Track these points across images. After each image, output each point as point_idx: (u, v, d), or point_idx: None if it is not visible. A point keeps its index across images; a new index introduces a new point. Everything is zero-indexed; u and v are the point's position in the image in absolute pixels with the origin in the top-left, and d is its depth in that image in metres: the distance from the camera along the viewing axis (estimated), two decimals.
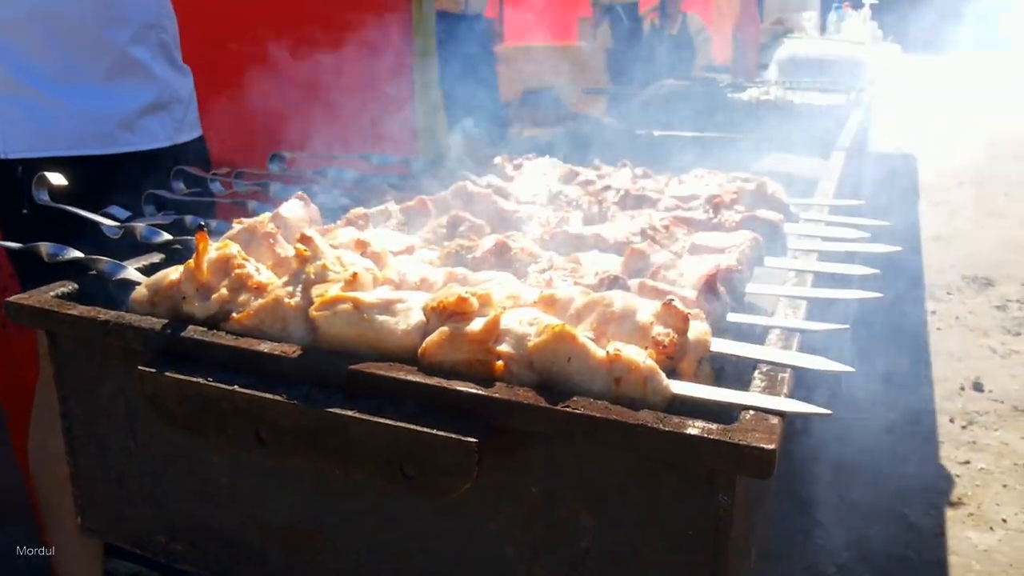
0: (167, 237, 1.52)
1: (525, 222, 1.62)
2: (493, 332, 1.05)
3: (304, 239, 1.22)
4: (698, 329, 1.10)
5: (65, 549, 2.17)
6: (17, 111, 1.93)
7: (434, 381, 1.02)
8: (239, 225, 1.39)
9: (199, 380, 1.09)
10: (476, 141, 2.26)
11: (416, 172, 2.09)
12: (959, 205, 7.58)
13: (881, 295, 1.32)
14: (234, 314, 1.18)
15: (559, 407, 0.96)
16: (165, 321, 1.19)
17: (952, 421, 3.84)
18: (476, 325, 1.06)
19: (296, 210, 1.51)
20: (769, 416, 0.94)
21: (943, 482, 3.37)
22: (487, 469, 0.98)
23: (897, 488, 3.28)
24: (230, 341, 1.13)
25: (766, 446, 0.88)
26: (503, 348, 1.05)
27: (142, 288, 1.26)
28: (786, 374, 1.04)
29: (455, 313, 1.08)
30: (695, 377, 1.08)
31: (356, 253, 1.30)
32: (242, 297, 1.19)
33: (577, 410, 0.95)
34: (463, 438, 0.96)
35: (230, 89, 2.77)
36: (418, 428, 0.98)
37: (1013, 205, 7.65)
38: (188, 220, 1.61)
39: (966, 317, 5.11)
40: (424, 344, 1.07)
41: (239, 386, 1.07)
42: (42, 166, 1.68)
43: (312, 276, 1.16)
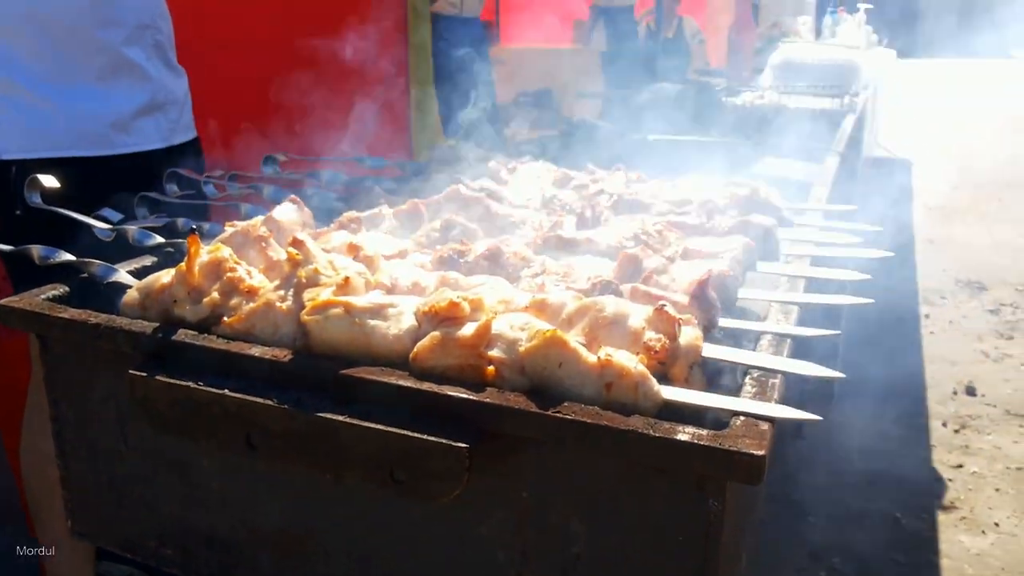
0: (159, 240, 1.51)
1: (518, 226, 1.62)
2: (484, 337, 1.05)
3: (296, 243, 1.22)
4: (689, 334, 1.10)
5: (56, 552, 2.16)
6: (10, 112, 1.93)
7: (425, 386, 1.02)
8: (231, 228, 1.39)
9: (189, 384, 1.08)
10: (471, 144, 2.26)
11: (410, 175, 2.09)
12: (953, 209, 7.61)
13: (872, 301, 1.32)
14: (225, 318, 1.18)
15: (550, 412, 0.96)
16: (156, 325, 1.19)
17: (945, 425, 3.85)
18: (468, 330, 1.06)
19: (289, 213, 1.51)
20: (759, 422, 0.94)
21: (936, 486, 3.38)
22: (478, 474, 0.98)
23: (890, 492, 3.29)
24: (221, 345, 1.13)
25: (756, 452, 0.88)
26: (494, 353, 1.05)
27: (133, 291, 1.26)
28: (777, 380, 1.05)
29: (447, 318, 1.08)
30: (686, 382, 1.08)
31: (348, 257, 1.29)
32: (233, 301, 1.19)
33: (568, 416, 0.95)
34: (454, 443, 0.96)
35: (225, 90, 2.77)
36: (409, 433, 0.98)
37: (1006, 209, 7.68)
38: (180, 223, 1.61)
39: (959, 321, 5.13)
40: (415, 349, 1.06)
41: (229, 390, 1.07)
42: (36, 167, 1.67)
43: (304, 280, 1.16)
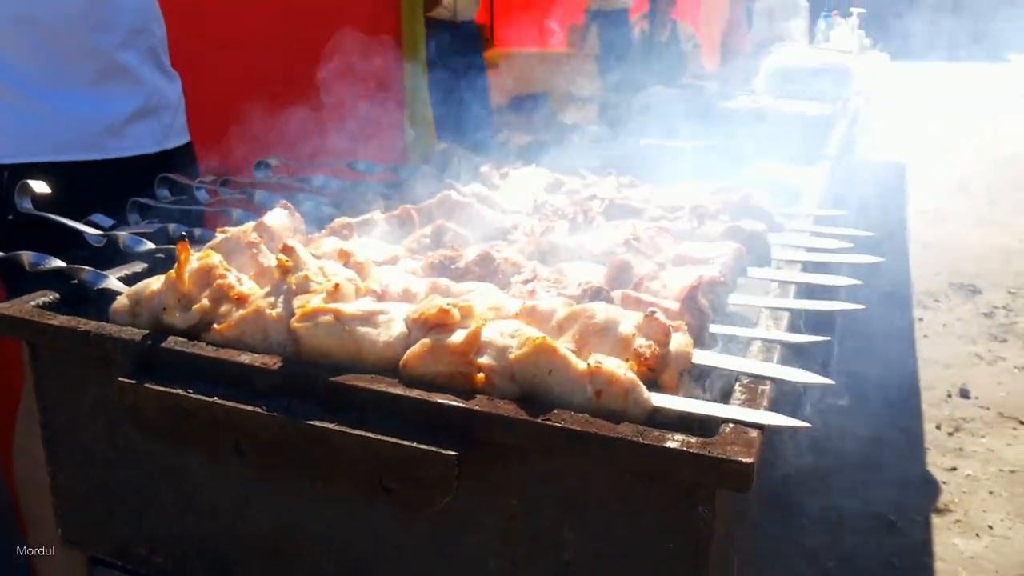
0: (150, 246, 1.51)
1: (510, 232, 1.62)
2: (474, 344, 1.05)
3: (286, 249, 1.22)
4: (680, 341, 1.10)
5: (48, 557, 2.15)
6: (3, 116, 1.92)
7: (415, 393, 1.02)
8: (222, 234, 1.38)
9: (178, 392, 1.08)
10: (464, 149, 2.26)
11: (403, 180, 2.08)
12: (946, 212, 7.63)
13: (864, 306, 1.33)
14: (215, 325, 1.17)
15: (539, 420, 0.96)
16: (145, 332, 1.18)
17: (939, 428, 3.86)
18: (457, 337, 1.05)
19: (280, 219, 1.50)
20: (748, 429, 0.94)
21: (930, 489, 3.39)
22: (468, 482, 0.98)
23: (884, 495, 3.30)
24: (210, 352, 1.13)
25: (745, 460, 0.88)
26: (484, 360, 1.05)
27: (123, 298, 1.25)
28: (766, 386, 1.05)
29: (437, 325, 1.08)
30: (677, 389, 1.08)
31: (339, 263, 1.29)
32: (223, 308, 1.19)
33: (557, 423, 0.95)
34: (443, 451, 0.96)
35: (219, 95, 2.77)
36: (398, 441, 0.98)
37: (1000, 212, 7.71)
38: (172, 229, 1.60)
39: (953, 324, 5.14)
40: (405, 356, 1.06)
41: (219, 398, 1.06)
42: (28, 172, 1.67)
43: (294, 287, 1.16)
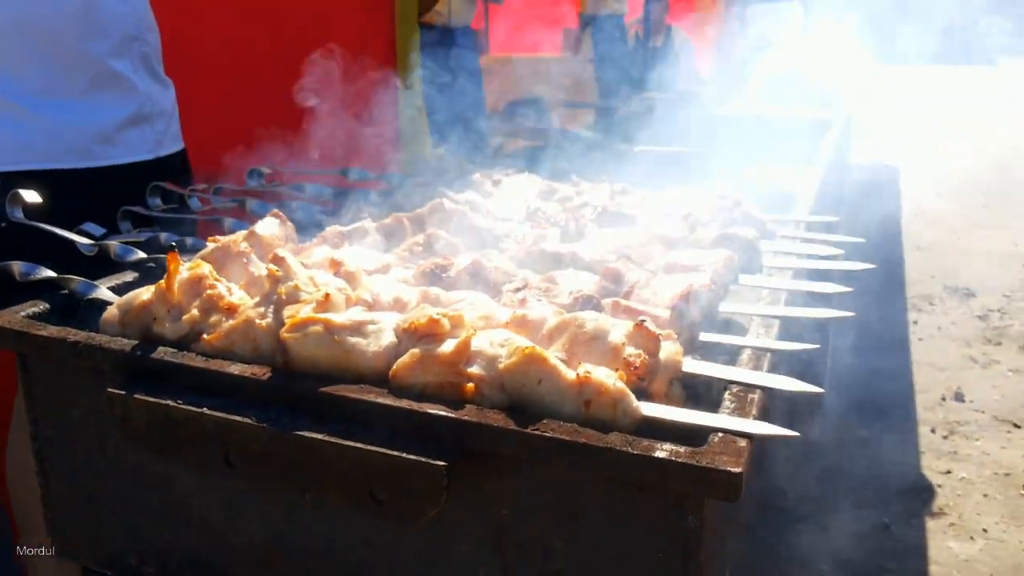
0: (141, 255, 1.51)
1: (502, 239, 1.62)
2: (464, 354, 1.05)
3: (276, 259, 1.22)
4: (669, 350, 1.11)
5: (40, 564, 2.14)
6: None
7: (404, 404, 1.02)
8: (213, 243, 1.38)
9: (168, 403, 1.08)
10: (457, 156, 2.26)
11: (395, 187, 2.08)
12: (941, 216, 7.65)
13: (854, 314, 1.33)
14: (205, 335, 1.17)
15: (528, 430, 0.96)
16: (135, 342, 1.18)
17: (933, 431, 3.86)
18: (447, 347, 1.05)
19: (271, 228, 1.50)
20: (737, 439, 0.94)
21: (924, 492, 3.39)
22: (458, 492, 0.98)
23: (879, 498, 3.30)
24: (200, 363, 1.12)
25: (733, 469, 0.88)
26: (474, 370, 1.05)
27: (113, 308, 1.25)
28: (756, 395, 1.05)
29: (426, 334, 1.08)
30: (666, 398, 1.08)
31: (330, 272, 1.29)
32: (213, 318, 1.19)
33: (546, 433, 0.95)
34: (432, 462, 0.96)
35: (212, 102, 2.76)
36: (388, 452, 0.98)
37: (994, 216, 7.73)
38: (163, 237, 1.60)
39: (948, 327, 5.15)
40: (395, 366, 1.06)
41: (208, 408, 1.06)
42: (21, 180, 1.66)
43: (284, 297, 1.16)
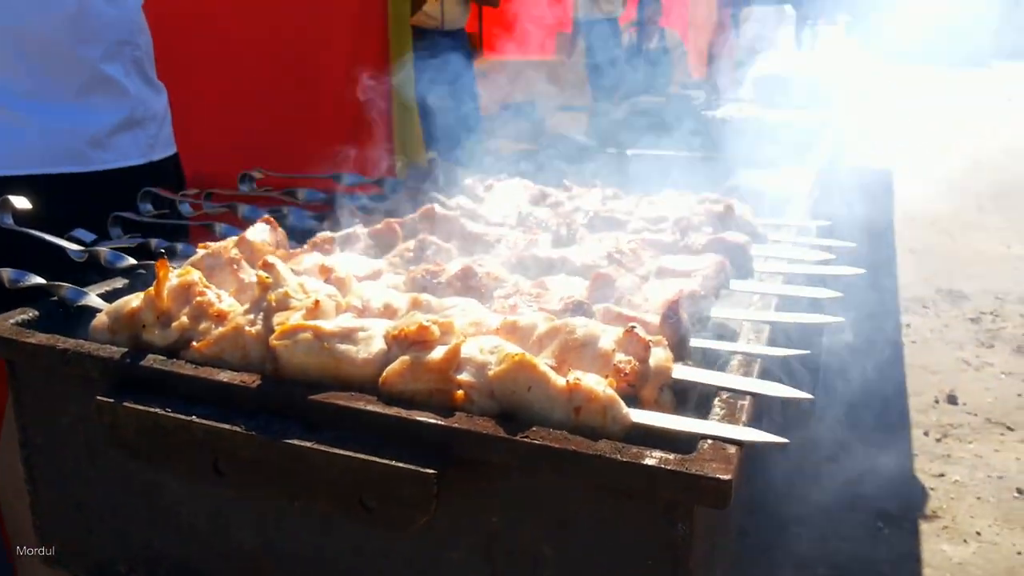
0: (131, 261, 1.50)
1: (493, 245, 1.62)
2: (454, 361, 1.05)
3: (266, 266, 1.21)
4: (659, 356, 1.11)
5: (32, 572, 2.13)
6: None
7: (393, 411, 1.01)
8: (203, 250, 1.38)
9: (157, 411, 1.08)
10: (450, 160, 2.26)
11: (387, 192, 2.08)
12: (934, 218, 7.67)
13: (843, 319, 1.33)
14: (194, 342, 1.17)
15: (518, 437, 0.96)
16: (124, 350, 1.18)
17: (927, 434, 3.87)
18: (437, 354, 1.05)
19: (262, 234, 1.50)
20: (727, 446, 0.94)
21: (918, 495, 3.39)
22: (448, 499, 0.98)
23: (872, 501, 3.30)
24: (189, 371, 1.12)
25: (723, 476, 0.88)
26: (464, 377, 1.05)
27: (102, 315, 1.25)
28: (746, 402, 1.05)
29: (416, 341, 1.08)
30: (656, 404, 1.08)
31: (320, 279, 1.29)
32: (203, 325, 1.18)
33: (535, 440, 0.95)
34: (422, 469, 0.96)
35: (205, 106, 2.76)
36: (377, 459, 0.98)
37: (987, 218, 7.75)
38: (153, 243, 1.60)
39: (940, 330, 5.16)
40: (385, 373, 1.06)
41: (197, 416, 1.06)
42: (13, 184, 1.65)
43: (274, 304, 1.16)
